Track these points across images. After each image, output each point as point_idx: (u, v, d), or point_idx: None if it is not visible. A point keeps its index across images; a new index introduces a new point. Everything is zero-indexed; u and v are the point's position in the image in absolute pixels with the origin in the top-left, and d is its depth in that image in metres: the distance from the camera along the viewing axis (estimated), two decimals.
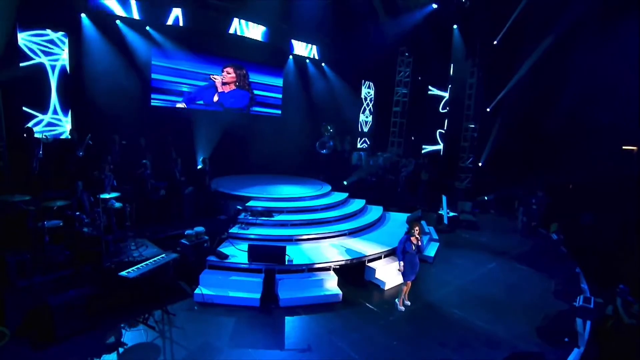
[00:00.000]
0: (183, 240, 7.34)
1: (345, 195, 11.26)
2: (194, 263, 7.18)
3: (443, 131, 15.98)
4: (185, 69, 12.15)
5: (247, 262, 7.01)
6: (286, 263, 7.08)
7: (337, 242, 8.54)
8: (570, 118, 12.98)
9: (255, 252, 6.99)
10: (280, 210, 9.44)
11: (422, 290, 7.44)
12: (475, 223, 12.04)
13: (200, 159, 10.57)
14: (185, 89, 12.28)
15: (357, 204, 10.94)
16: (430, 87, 16.20)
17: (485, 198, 14.10)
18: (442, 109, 16.14)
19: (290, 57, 15.09)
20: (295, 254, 7.55)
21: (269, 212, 9.15)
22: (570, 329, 6.25)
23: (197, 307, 6.35)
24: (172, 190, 9.43)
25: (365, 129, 17.08)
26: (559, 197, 11.91)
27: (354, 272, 7.80)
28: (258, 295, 6.53)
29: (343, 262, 7.58)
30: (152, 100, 11.72)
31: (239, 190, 10.23)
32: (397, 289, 6.87)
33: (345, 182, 12.74)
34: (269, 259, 7.04)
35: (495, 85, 14.16)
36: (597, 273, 8.58)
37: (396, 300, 6.69)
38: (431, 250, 9.31)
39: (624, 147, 13.63)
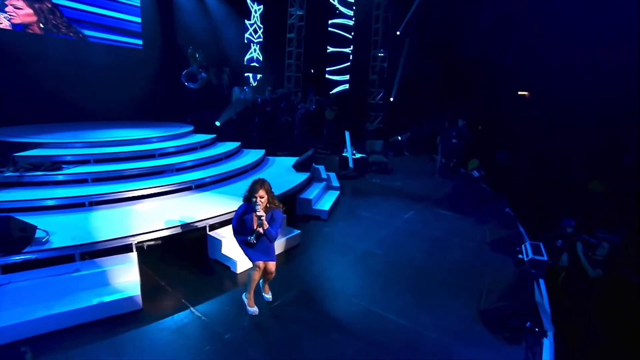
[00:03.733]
0: None
1: (209, 136, 7.72)
2: None
3: (349, 62, 13.04)
4: None
5: None
6: (24, 249, 3.45)
7: (173, 201, 5.10)
8: (484, 44, 11.00)
9: None
10: (84, 160, 5.60)
11: (304, 268, 4.46)
12: (387, 165, 9.53)
13: None
14: None
15: (227, 146, 7.51)
16: (332, 3, 12.89)
17: (399, 138, 11.73)
18: (346, 35, 13.09)
19: None
20: (75, 228, 3.97)
21: (54, 163, 5.26)
22: (526, 301, 3.79)
23: None
24: None
25: (251, 59, 13.29)
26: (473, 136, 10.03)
27: (193, 248, 4.54)
28: None
29: (164, 234, 4.18)
30: None
31: (28, 137, 6.04)
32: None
33: (217, 123, 9.12)
34: None
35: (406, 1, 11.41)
36: (528, 211, 6.67)
37: (243, 296, 3.54)
38: (326, 203, 6.41)
39: (519, 92, 12.89)
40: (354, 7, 12.79)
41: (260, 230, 3.22)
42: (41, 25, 7.84)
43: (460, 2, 11.07)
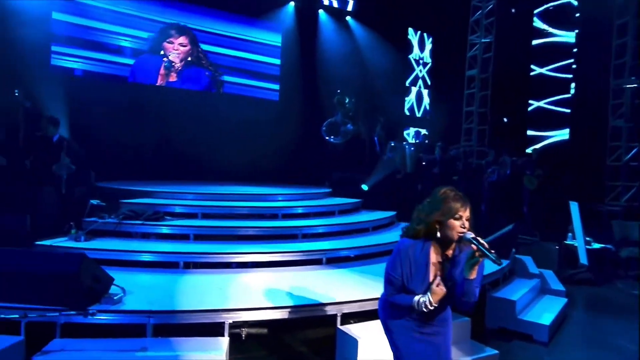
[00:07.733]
0: None
1: (353, 200, 7.73)
2: None
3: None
4: (121, 10, 9.66)
5: None
6: (91, 306, 3.41)
7: (293, 274, 4.83)
8: None
9: None
10: (191, 214, 6.06)
11: None
12: None
13: (47, 121, 7.14)
14: (126, 44, 9.84)
15: (376, 215, 7.32)
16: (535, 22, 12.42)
17: None
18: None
19: (291, 3, 12.42)
20: (157, 291, 4.05)
21: (156, 212, 5.76)
22: None
23: None
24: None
25: (418, 113, 13.44)
26: None
27: (313, 348, 3.99)
28: None
29: (271, 316, 3.73)
30: (54, 58, 9.31)
31: (137, 185, 7.08)
32: None
33: (364, 187, 9.08)
34: (37, 294, 3.42)
35: None
36: None
37: None
38: (543, 314, 5.05)
39: None
40: (575, 22, 11.96)
41: (440, 289, 2.26)
42: (189, 58, 10.50)
43: None
